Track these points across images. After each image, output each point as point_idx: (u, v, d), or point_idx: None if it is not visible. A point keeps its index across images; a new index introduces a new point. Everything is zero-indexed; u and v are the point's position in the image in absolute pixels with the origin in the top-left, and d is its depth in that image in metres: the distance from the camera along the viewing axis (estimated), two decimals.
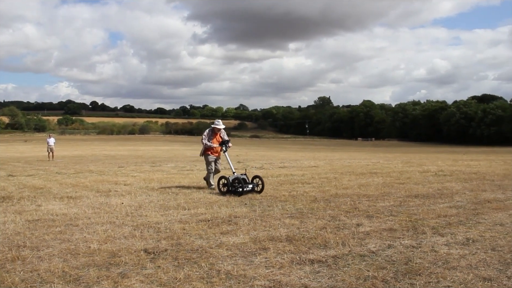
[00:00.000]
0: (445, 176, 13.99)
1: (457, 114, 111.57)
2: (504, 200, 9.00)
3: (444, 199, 9.11)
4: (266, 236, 5.89)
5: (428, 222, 6.81)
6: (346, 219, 7.06)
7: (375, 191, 10.12)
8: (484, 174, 14.56)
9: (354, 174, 14.47)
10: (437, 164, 19.98)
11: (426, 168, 17.42)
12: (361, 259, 4.92)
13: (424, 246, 5.47)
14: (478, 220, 7.06)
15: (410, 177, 13.38)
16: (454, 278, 4.34)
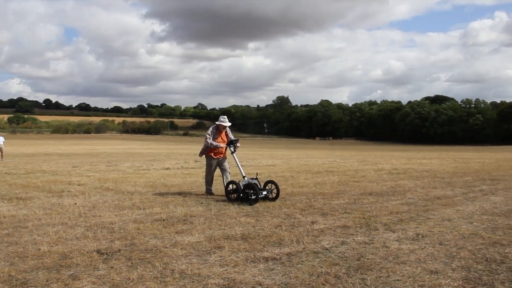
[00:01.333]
0: (399, 174, 14.37)
1: (412, 114, 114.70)
2: (453, 197, 9.35)
3: (396, 196, 9.37)
4: (221, 235, 5.89)
5: (380, 219, 6.99)
6: (301, 217, 7.15)
7: (330, 189, 10.29)
8: (435, 172, 15.05)
9: (311, 173, 14.65)
10: (392, 163, 20.49)
11: (380, 166, 17.84)
12: (314, 256, 5.00)
13: (376, 242, 5.61)
14: (428, 216, 7.30)
15: (365, 176, 13.68)
16: (403, 272, 4.47)
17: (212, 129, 9.78)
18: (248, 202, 8.22)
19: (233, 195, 8.68)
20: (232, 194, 8.71)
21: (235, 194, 8.65)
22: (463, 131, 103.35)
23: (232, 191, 8.75)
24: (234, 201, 8.50)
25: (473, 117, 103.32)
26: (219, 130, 9.77)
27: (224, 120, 9.77)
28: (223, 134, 9.83)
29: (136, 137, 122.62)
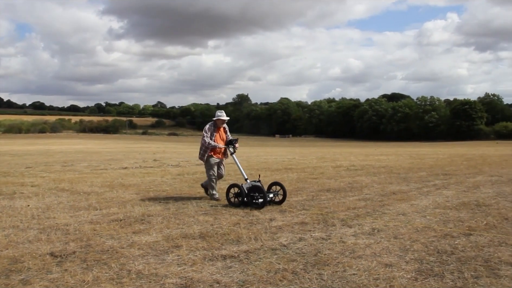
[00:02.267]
0: (356, 170, 14.63)
1: (369, 112, 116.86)
2: (408, 192, 9.60)
3: (354, 192, 9.54)
4: (179, 234, 5.85)
5: (338, 215, 7.10)
6: (260, 214, 7.18)
7: (289, 186, 10.35)
8: (392, 168, 15.41)
9: (270, 170, 14.73)
10: (350, 159, 20.84)
11: (339, 163, 18.11)
12: (272, 252, 5.03)
13: (333, 237, 5.70)
14: (384, 211, 7.47)
15: (324, 172, 13.86)
16: (359, 266, 4.57)
17: (210, 126, 8.75)
18: (254, 206, 7.62)
19: (236, 199, 7.98)
20: (235, 198, 8.00)
21: (238, 198, 7.95)
22: (418, 127, 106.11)
23: (235, 195, 7.99)
24: (237, 206, 7.85)
25: (428, 114, 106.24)
26: (217, 126, 8.79)
27: (221, 114, 8.79)
28: (221, 131, 8.90)
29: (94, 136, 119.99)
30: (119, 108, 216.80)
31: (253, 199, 7.67)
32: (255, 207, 7.57)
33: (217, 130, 8.78)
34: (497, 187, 10.45)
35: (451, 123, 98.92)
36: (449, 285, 4.10)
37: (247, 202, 7.73)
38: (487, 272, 4.43)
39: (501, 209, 7.64)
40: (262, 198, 7.61)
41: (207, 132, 8.65)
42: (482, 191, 9.82)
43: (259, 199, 7.61)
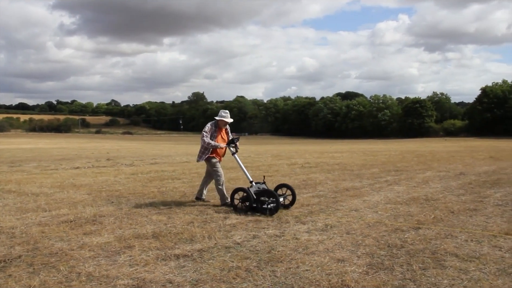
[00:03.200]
0: (311, 167, 14.81)
1: (324, 110, 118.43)
2: (360, 188, 9.80)
3: (308, 189, 9.65)
4: (131, 234, 5.74)
5: (292, 212, 7.16)
6: (214, 213, 7.15)
7: (243, 184, 10.35)
8: (345, 165, 15.68)
9: (225, 169, 14.60)
10: (305, 157, 21.07)
11: (294, 161, 18.29)
12: (226, 250, 5.02)
13: (286, 234, 5.74)
14: (337, 207, 7.59)
15: (279, 170, 13.96)
16: (312, 262, 4.62)
17: (210, 126, 8.06)
18: (265, 212, 6.90)
19: (243, 204, 7.25)
20: (242, 204, 7.27)
21: (245, 204, 7.22)
22: (372, 125, 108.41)
23: (242, 199, 7.27)
24: (243, 212, 7.13)
25: (381, 112, 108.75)
26: (218, 127, 8.11)
27: (225, 115, 8.08)
28: (223, 132, 8.23)
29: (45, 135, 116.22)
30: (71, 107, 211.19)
31: (263, 204, 6.99)
32: (266, 214, 6.87)
33: (219, 131, 8.10)
34: (445, 182, 10.82)
35: (403, 121, 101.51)
36: (398, 278, 4.21)
37: (256, 207, 7.04)
38: (434, 263, 4.58)
39: (447, 203, 7.92)
40: (275, 203, 6.95)
41: (207, 132, 7.96)
42: (430, 186, 10.15)
43: (271, 204, 6.94)
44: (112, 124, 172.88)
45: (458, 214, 7.02)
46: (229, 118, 8.10)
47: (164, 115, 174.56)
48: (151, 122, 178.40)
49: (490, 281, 4.11)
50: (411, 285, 4.03)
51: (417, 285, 4.04)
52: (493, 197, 8.62)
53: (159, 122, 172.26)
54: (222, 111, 8.15)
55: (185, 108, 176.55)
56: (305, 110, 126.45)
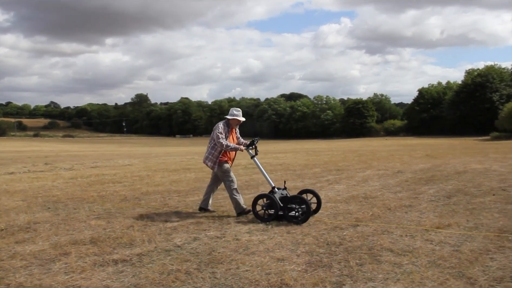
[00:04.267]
0: (254, 168, 14.84)
1: (269, 111, 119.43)
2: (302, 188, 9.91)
3: (250, 190, 9.70)
4: (68, 241, 5.56)
5: (233, 213, 7.16)
6: (155, 216, 7.05)
7: (186, 187, 10.31)
8: (288, 165, 15.88)
9: (168, 171, 14.53)
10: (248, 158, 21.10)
11: (237, 162, 18.27)
12: (166, 254, 4.96)
13: (227, 235, 5.74)
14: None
15: None
16: (252, 262, 4.65)
17: (223, 126, 7.28)
18: (294, 221, 6.36)
19: (266, 212, 6.62)
20: (266, 211, 6.63)
21: (268, 211, 6.62)
22: (315, 126, 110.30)
23: (266, 206, 6.66)
24: (266, 221, 6.50)
25: (324, 113, 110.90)
26: (230, 127, 7.44)
27: (238, 114, 7.35)
28: (233, 132, 7.54)
29: None
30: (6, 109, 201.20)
31: (290, 211, 6.47)
32: (295, 222, 6.34)
33: (230, 132, 7.40)
34: (383, 180, 11.17)
35: (346, 121, 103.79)
36: (336, 274, 4.30)
37: (284, 215, 6.48)
38: (370, 259, 4.72)
39: (385, 200, 8.18)
40: (305, 210, 6.41)
41: (221, 133, 7.14)
42: (370, 184, 10.45)
43: (297, 212, 6.42)
44: (52, 127, 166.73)
45: (395, 211, 7.27)
46: (241, 116, 7.40)
47: (107, 118, 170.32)
48: (93, 124, 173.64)
49: (421, 273, 4.29)
50: (348, 281, 4.13)
51: (354, 281, 4.14)
52: (427, 193, 8.98)
53: (102, 125, 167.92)
54: (233, 109, 7.41)
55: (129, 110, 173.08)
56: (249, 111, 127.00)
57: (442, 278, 4.17)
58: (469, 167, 13.82)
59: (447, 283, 4.07)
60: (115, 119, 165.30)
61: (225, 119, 7.40)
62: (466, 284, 4.05)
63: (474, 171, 12.81)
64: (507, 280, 4.15)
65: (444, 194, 8.78)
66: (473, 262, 4.60)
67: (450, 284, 4.04)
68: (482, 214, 6.84)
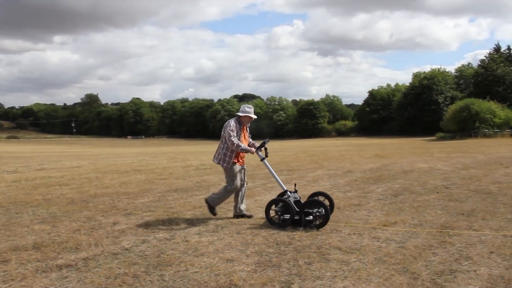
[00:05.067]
0: (206, 169, 14.81)
1: (222, 111, 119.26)
2: (253, 188, 9.97)
3: (201, 191, 9.63)
4: (8, 247, 5.33)
5: (184, 215, 7.11)
6: (103, 219, 6.89)
7: (136, 188, 10.12)
8: None
9: (118, 173, 14.23)
10: (200, 159, 21.03)
11: (189, 163, 18.18)
12: (113, 257, 4.85)
13: (177, 237, 5.68)
14: (229, 208, 7.62)
15: (173, 173, 13.79)
16: (201, 263, 4.61)
17: (235, 124, 6.83)
18: (311, 226, 6.04)
19: (281, 218, 6.19)
20: (281, 216, 6.19)
21: (283, 216, 6.18)
22: (268, 126, 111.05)
23: (281, 211, 6.22)
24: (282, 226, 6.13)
25: (277, 114, 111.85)
26: (242, 125, 6.98)
27: (250, 111, 6.93)
28: (244, 130, 7.08)
29: None
30: None
31: (307, 215, 6.10)
32: (313, 227, 6.04)
33: (242, 130, 6.98)
34: (333, 179, 11.35)
35: (298, 122, 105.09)
36: (285, 274, 4.33)
37: (300, 220, 6.10)
38: (319, 257, 4.78)
39: (334, 200, 8.25)
40: (323, 214, 6.08)
41: (233, 131, 6.72)
42: (320, 184, 10.60)
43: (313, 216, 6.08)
44: None
45: (344, 210, 7.40)
46: (253, 114, 6.99)
47: (55, 118, 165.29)
48: (40, 125, 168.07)
49: (368, 270, 4.38)
50: (297, 280, 4.17)
51: (302, 280, 4.18)
52: (375, 192, 9.20)
53: (50, 126, 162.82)
54: (245, 106, 6.98)
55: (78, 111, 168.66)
56: (202, 112, 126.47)
57: (387, 274, 4.28)
58: (416, 166, 14.26)
59: (392, 278, 4.17)
60: (64, 119, 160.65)
61: (235, 116, 6.96)
62: (409, 279, 4.18)
63: (420, 170, 13.22)
64: (447, 273, 4.31)
65: (391, 193, 9.02)
66: (416, 258, 4.75)
67: (394, 279, 4.15)
68: (426, 211, 7.07)
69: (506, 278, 4.19)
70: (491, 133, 45.79)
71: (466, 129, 49.45)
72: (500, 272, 4.34)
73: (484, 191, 9.01)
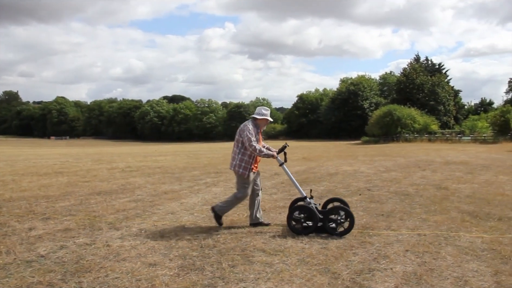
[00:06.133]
0: (132, 171, 14.45)
1: (151, 113, 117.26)
2: (179, 191, 9.85)
3: (125, 194, 9.38)
4: None
5: (106, 218, 6.88)
6: (18, 224, 6.51)
7: (56, 191, 9.68)
8: (167, 168, 15.64)
9: (37, 175, 13.53)
10: (127, 161, 20.50)
11: (115, 165, 17.64)
12: (27, 265, 4.60)
13: (98, 242, 5.49)
14: (154, 211, 7.51)
15: (97, 175, 13.33)
16: (122, 269, 4.49)
17: (253, 127, 6.35)
18: (336, 232, 5.86)
19: (303, 225, 5.94)
20: (305, 223, 5.93)
21: (306, 224, 5.93)
22: (198, 128, 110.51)
23: (304, 218, 5.95)
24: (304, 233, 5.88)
25: (207, 116, 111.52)
26: (259, 128, 6.53)
27: (267, 113, 6.46)
28: (260, 135, 6.61)
29: None
30: None
31: (330, 222, 5.93)
32: (338, 234, 5.85)
33: (259, 133, 6.52)
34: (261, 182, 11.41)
35: (228, 125, 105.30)
36: (208, 277, 4.31)
37: (325, 227, 5.91)
38: (242, 260, 4.80)
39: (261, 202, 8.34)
40: (349, 220, 5.90)
41: (253, 136, 6.23)
42: None
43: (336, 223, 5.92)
44: None
45: (269, 212, 7.47)
46: (269, 116, 6.53)
47: None
48: None
49: (291, 271, 4.46)
50: (220, 283, 4.16)
51: (226, 282, 4.18)
52: None
53: None
54: (262, 108, 6.50)
55: None
56: (131, 113, 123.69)
57: (309, 275, 4.37)
58: (341, 169, 14.69)
59: (314, 279, 4.27)
60: None
61: (251, 119, 6.53)
62: (330, 278, 4.29)
63: (344, 172, 13.63)
64: (365, 272, 4.48)
65: (316, 195, 9.19)
66: (338, 258, 4.89)
67: (316, 280, 4.25)
68: None
69: (418, 274, 4.42)
70: (411, 137, 48.01)
71: (389, 133, 51.60)
72: (413, 269, 4.58)
73: (403, 192, 9.44)
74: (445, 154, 22.17)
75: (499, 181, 11.21)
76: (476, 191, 9.62)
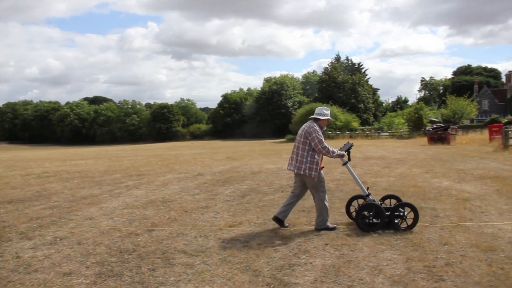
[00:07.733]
0: (49, 177, 13.77)
1: (71, 115, 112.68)
2: (99, 195, 9.52)
3: (40, 201, 8.92)
4: None
5: (17, 228, 6.51)
6: None
7: None
8: (87, 172, 15.07)
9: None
10: (44, 166, 19.54)
11: (30, 171, 16.74)
12: None
13: (7, 254, 5.19)
14: (71, 217, 7.21)
15: (9, 182, 12.57)
16: (33, 281, 4.28)
17: (320, 128, 6.23)
18: (401, 228, 5.95)
19: (369, 221, 5.98)
20: (371, 220, 5.99)
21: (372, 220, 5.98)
22: (121, 130, 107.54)
23: (373, 215, 6.00)
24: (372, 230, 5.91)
25: (130, 117, 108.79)
26: (322, 128, 6.34)
27: (328, 113, 6.38)
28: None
29: None
30: None
31: (396, 218, 6.03)
32: (404, 229, 5.93)
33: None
34: (183, 183, 11.31)
35: (152, 126, 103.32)
36: (127, 282, 4.20)
37: (390, 223, 6.00)
38: (163, 263, 4.73)
39: (183, 203, 8.28)
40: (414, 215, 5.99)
41: (322, 137, 6.16)
42: (169, 188, 10.48)
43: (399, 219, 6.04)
44: None
45: (191, 213, 7.40)
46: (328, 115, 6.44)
47: None
48: None
49: (212, 271, 4.45)
50: None
51: (145, 287, 4.10)
52: (224, 194, 9.36)
53: None
54: (323, 109, 6.41)
55: None
56: (48, 116, 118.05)
57: (230, 274, 4.38)
58: (264, 168, 14.85)
59: (235, 278, 4.28)
60: None
61: (312, 119, 6.35)
62: (251, 276, 4.32)
63: (268, 171, 13.79)
64: (286, 267, 4.55)
65: (239, 194, 9.25)
66: (259, 256, 4.93)
67: (237, 278, 4.26)
68: (270, 210, 7.36)
69: (336, 266, 4.56)
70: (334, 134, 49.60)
71: None
72: (332, 261, 4.71)
73: None
74: (365, 150, 23.09)
75: (413, 174, 11.82)
76: (392, 183, 10.08)
